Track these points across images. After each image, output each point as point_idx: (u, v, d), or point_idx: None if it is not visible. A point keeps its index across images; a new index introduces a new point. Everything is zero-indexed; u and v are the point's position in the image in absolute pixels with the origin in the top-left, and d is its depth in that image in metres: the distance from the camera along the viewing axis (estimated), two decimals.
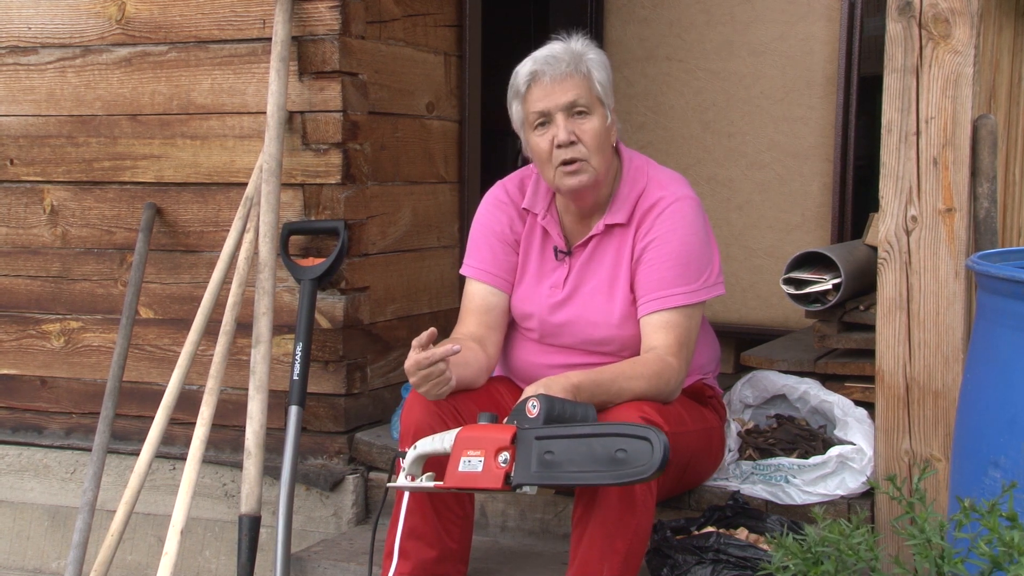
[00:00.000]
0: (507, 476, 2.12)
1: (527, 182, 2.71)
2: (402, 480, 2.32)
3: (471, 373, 2.53)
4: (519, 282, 2.68)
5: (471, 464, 2.15)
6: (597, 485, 2.19)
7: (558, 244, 2.65)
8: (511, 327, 2.72)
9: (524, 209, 2.69)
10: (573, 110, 2.50)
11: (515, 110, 2.58)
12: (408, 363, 2.36)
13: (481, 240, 2.70)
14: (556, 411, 2.16)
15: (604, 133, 2.53)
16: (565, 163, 2.50)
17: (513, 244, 2.69)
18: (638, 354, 2.53)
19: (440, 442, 2.25)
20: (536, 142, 2.54)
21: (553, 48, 2.54)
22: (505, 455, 2.12)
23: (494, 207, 2.72)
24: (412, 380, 2.38)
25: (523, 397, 2.25)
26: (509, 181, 2.74)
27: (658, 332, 2.50)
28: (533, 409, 2.15)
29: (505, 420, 2.21)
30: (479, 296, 2.68)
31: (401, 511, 2.48)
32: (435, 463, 2.31)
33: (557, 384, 2.29)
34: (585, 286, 2.61)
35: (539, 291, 2.65)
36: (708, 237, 2.60)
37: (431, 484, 2.27)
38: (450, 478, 2.18)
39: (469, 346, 2.57)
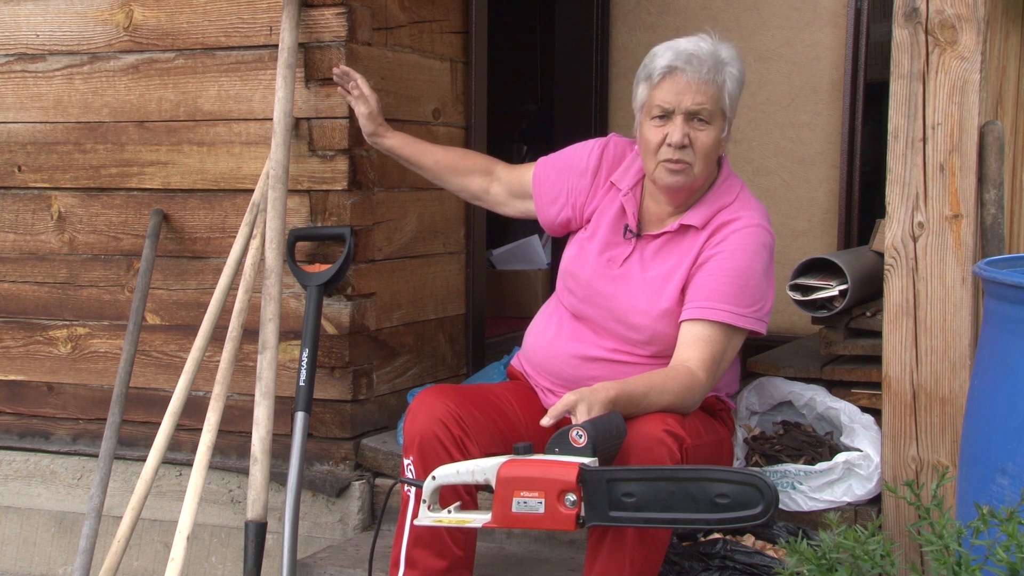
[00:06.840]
0: (578, 517, 2.08)
1: (628, 154, 2.73)
2: (424, 512, 2.25)
3: (455, 167, 3.00)
4: (579, 241, 2.71)
5: (528, 506, 2.09)
6: (699, 529, 2.15)
7: (630, 223, 2.65)
8: (545, 307, 2.76)
9: (610, 182, 2.70)
10: (695, 117, 2.51)
11: (640, 92, 2.59)
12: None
13: (561, 172, 2.79)
14: (601, 436, 2.15)
15: (716, 144, 2.55)
16: (669, 161, 2.53)
17: (572, 204, 2.74)
18: (664, 353, 2.53)
19: (471, 475, 2.19)
20: (648, 132, 2.55)
21: (700, 47, 2.54)
22: (571, 497, 2.07)
23: (581, 171, 2.75)
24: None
25: (562, 404, 2.22)
26: (615, 146, 2.76)
27: (696, 344, 2.48)
28: (579, 439, 2.12)
29: (545, 448, 2.16)
30: (525, 177, 2.86)
31: (407, 519, 2.48)
32: (448, 487, 2.29)
33: (598, 402, 2.26)
34: (642, 273, 2.61)
35: (597, 259, 2.66)
36: (770, 275, 2.60)
37: (478, 524, 2.19)
38: (502, 519, 2.12)
39: (477, 168, 2.99)
